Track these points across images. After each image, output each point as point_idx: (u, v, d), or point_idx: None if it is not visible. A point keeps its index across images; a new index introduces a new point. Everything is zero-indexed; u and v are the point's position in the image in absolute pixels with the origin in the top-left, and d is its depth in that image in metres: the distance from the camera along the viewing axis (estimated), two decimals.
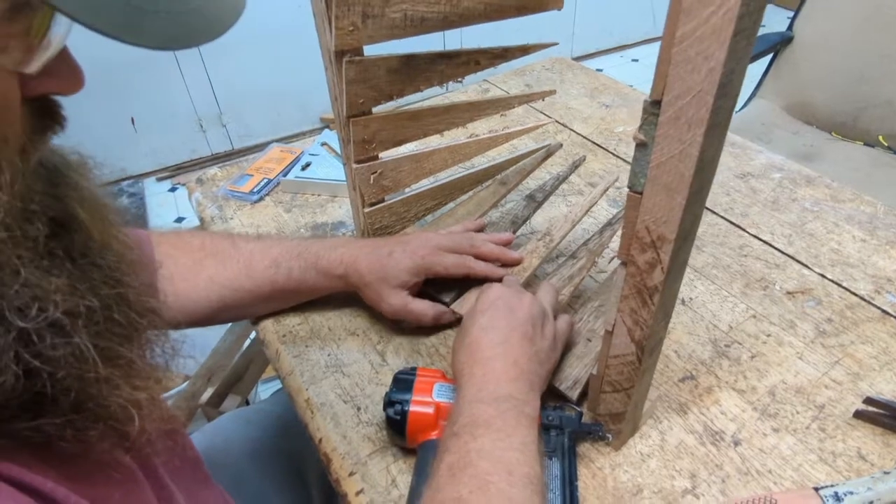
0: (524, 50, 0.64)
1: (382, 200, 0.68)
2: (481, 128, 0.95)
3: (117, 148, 2.27)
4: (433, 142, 0.71)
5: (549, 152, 0.74)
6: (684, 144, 0.32)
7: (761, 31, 1.50)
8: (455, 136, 0.88)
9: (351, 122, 0.60)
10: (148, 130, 2.31)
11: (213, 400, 1.11)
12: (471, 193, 0.74)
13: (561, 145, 0.75)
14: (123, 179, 2.36)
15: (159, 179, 2.40)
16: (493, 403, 0.45)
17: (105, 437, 0.31)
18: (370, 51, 0.57)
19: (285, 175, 0.87)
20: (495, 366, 0.47)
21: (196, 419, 1.13)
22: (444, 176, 0.71)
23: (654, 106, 0.33)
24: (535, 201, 0.71)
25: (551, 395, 0.55)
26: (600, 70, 2.96)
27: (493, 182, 0.73)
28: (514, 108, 0.71)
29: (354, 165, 0.63)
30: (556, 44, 0.65)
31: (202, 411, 1.11)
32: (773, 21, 3.50)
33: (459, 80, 0.63)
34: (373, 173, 0.64)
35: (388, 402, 0.51)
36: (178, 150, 2.43)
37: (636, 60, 3.11)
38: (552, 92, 0.72)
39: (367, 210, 0.67)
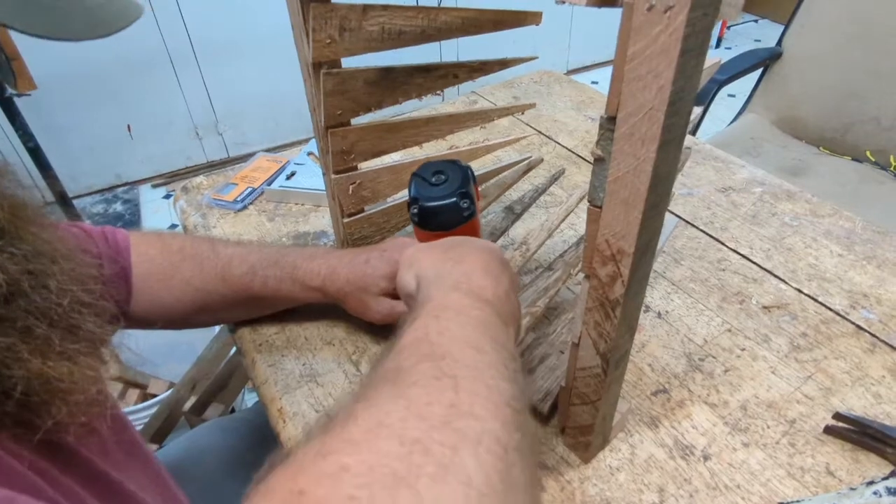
0: (503, 64, 0.64)
1: (362, 211, 0.68)
2: (463, 140, 0.95)
3: (113, 154, 2.29)
4: (415, 153, 0.71)
5: (530, 166, 0.75)
6: (638, 160, 0.33)
7: (754, 46, 1.50)
8: (437, 149, 0.88)
9: (329, 132, 0.60)
10: (144, 138, 2.32)
11: (197, 408, 1.10)
12: None
13: (542, 160, 0.76)
14: (118, 186, 2.37)
15: (154, 186, 2.41)
16: (471, 296, 0.38)
17: (9, 412, 0.31)
18: (351, 62, 0.57)
19: (270, 184, 0.87)
20: (481, 281, 0.40)
21: (179, 427, 1.13)
22: None
23: (609, 122, 0.33)
24: (514, 213, 0.72)
25: None
26: (595, 83, 2.98)
27: None
28: (493, 120, 0.72)
29: (333, 176, 0.63)
30: (535, 58, 0.66)
31: (185, 419, 1.11)
32: (769, 36, 3.53)
33: (439, 92, 0.63)
34: (351, 184, 0.65)
35: (463, 192, 0.48)
36: (174, 157, 2.44)
37: None
38: (532, 105, 0.72)
39: (346, 220, 0.67)
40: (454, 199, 0.47)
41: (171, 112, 2.32)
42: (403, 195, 0.71)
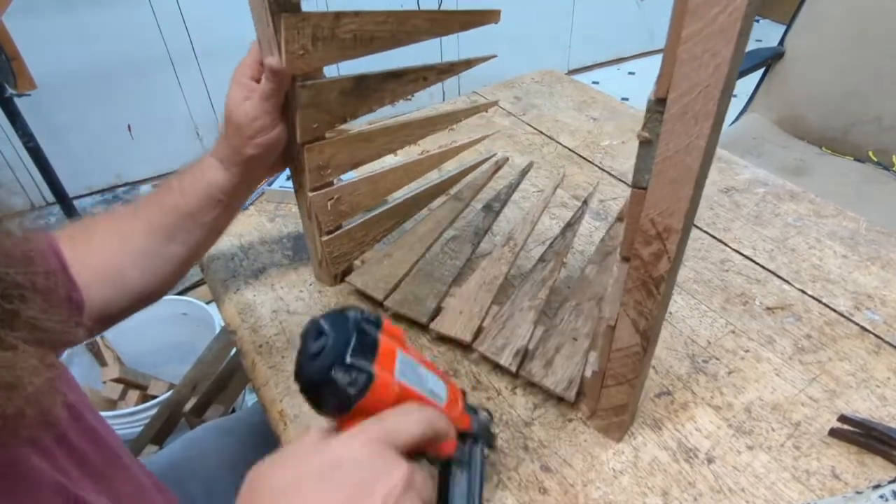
0: (468, 64, 0.65)
1: (340, 227, 0.66)
2: (431, 143, 0.94)
3: (114, 154, 2.28)
4: (386, 161, 0.70)
5: (499, 165, 0.75)
6: (692, 138, 0.33)
7: (755, 46, 1.49)
8: (409, 153, 0.88)
9: (305, 148, 0.58)
10: (145, 138, 2.32)
11: (197, 409, 1.10)
12: (426, 211, 0.73)
13: (507, 158, 0.77)
14: (119, 186, 2.37)
15: (155, 186, 2.41)
16: None
17: None
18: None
19: (270, 185, 0.87)
20: None
21: (179, 428, 1.13)
22: (399, 195, 0.71)
23: (658, 104, 0.34)
24: (494, 211, 0.72)
25: (537, 401, 0.55)
26: (596, 83, 2.98)
27: (449, 198, 0.73)
28: (461, 120, 0.72)
29: (310, 194, 0.62)
30: (494, 56, 0.66)
31: (185, 420, 1.11)
32: (770, 36, 3.52)
33: (409, 97, 0.63)
34: (329, 199, 0.63)
35: (341, 362, 0.33)
36: (175, 157, 2.43)
37: (633, 73, 3.13)
38: (494, 103, 0.73)
39: (325, 238, 0.65)
40: (328, 374, 0.33)
41: (171, 112, 2.32)
42: (381, 207, 0.69)
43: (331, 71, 0.58)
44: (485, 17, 0.61)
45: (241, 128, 0.54)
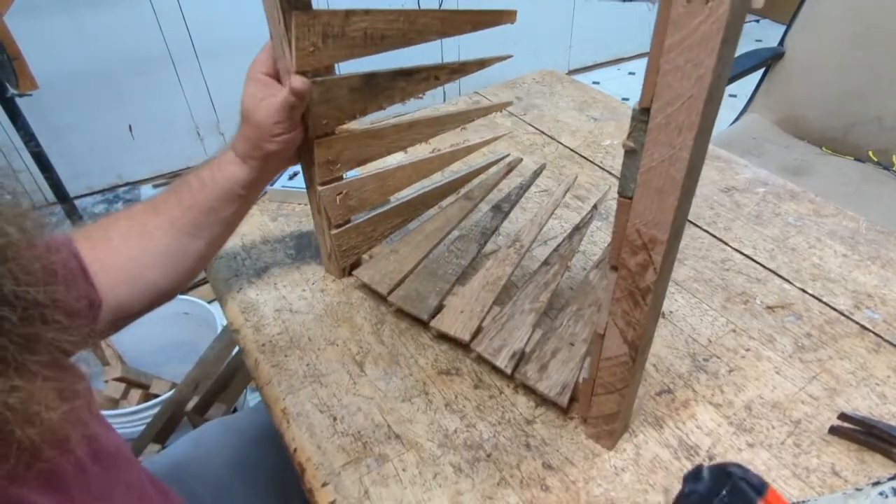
0: (481, 63, 0.65)
1: (348, 221, 0.68)
2: (443, 142, 0.94)
3: (115, 154, 2.28)
4: (396, 159, 0.71)
5: (511, 167, 0.75)
6: (675, 149, 0.33)
7: (755, 46, 1.49)
8: (417, 152, 0.88)
9: (315, 143, 0.59)
10: (145, 138, 2.32)
11: (200, 408, 1.10)
12: (436, 209, 0.74)
13: (521, 159, 0.77)
14: (119, 186, 2.37)
15: (155, 186, 2.41)
16: None
17: None
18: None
19: (272, 184, 0.87)
20: None
21: (182, 427, 1.13)
22: (408, 192, 0.71)
23: (642, 113, 0.34)
24: (503, 211, 0.72)
25: (539, 399, 0.55)
26: (597, 83, 2.98)
27: (459, 197, 0.74)
28: (473, 120, 0.72)
29: (319, 188, 0.63)
30: (510, 56, 0.66)
31: (188, 419, 1.11)
32: (770, 36, 3.53)
33: (420, 95, 0.63)
34: (338, 194, 0.64)
35: None
36: (176, 157, 2.43)
37: (633, 73, 3.13)
38: (509, 103, 0.74)
39: (334, 232, 0.66)
40: None
41: (172, 112, 2.32)
42: (389, 203, 0.70)
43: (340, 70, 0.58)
44: (499, 17, 0.60)
45: (261, 127, 0.55)
